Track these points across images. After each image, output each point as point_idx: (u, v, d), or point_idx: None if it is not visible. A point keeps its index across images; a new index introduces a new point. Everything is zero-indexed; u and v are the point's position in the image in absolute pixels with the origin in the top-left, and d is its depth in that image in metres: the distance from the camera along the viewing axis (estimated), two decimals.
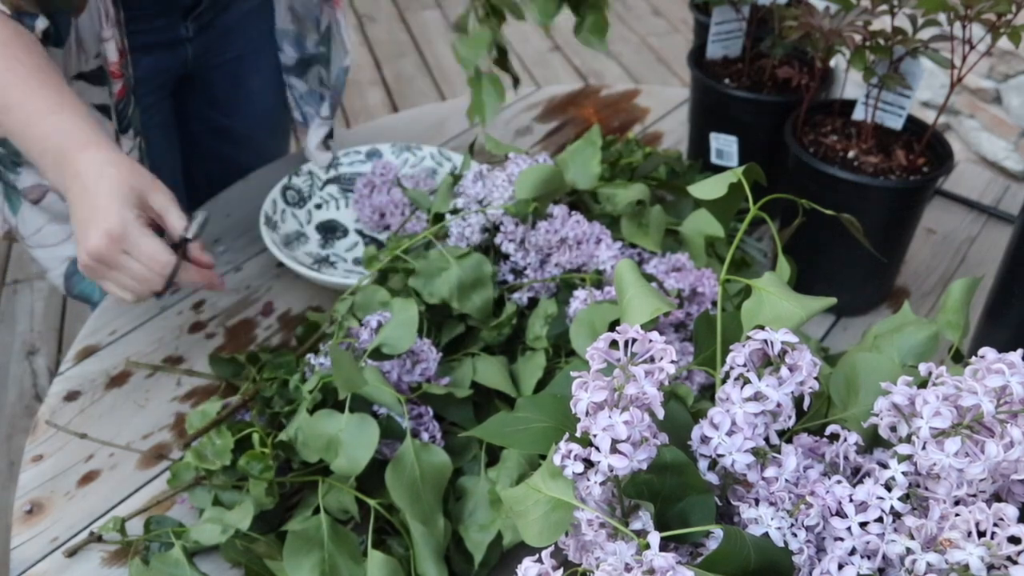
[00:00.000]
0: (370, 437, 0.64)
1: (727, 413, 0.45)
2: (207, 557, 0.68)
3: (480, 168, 0.86)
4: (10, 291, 2.19)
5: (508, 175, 0.83)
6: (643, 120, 1.27)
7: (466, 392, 0.71)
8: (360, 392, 0.66)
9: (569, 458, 0.42)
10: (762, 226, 1.00)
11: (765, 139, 0.95)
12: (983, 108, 2.20)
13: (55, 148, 0.72)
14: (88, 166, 0.71)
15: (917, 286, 0.96)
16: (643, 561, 0.39)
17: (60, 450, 0.78)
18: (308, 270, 0.87)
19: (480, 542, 0.65)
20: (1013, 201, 1.08)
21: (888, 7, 0.79)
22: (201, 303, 0.95)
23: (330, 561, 0.62)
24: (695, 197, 0.56)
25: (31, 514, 0.73)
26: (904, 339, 0.54)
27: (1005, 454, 0.40)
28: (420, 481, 0.63)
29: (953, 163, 0.83)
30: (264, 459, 0.66)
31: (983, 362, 0.43)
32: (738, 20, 0.99)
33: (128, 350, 0.89)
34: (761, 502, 0.45)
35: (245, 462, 0.66)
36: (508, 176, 0.83)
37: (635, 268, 0.54)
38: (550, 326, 0.74)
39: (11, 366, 1.98)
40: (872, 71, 0.80)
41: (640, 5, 3.49)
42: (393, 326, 0.70)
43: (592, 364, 0.44)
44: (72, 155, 0.72)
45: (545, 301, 0.77)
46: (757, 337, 0.46)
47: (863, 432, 0.48)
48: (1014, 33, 0.72)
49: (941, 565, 0.39)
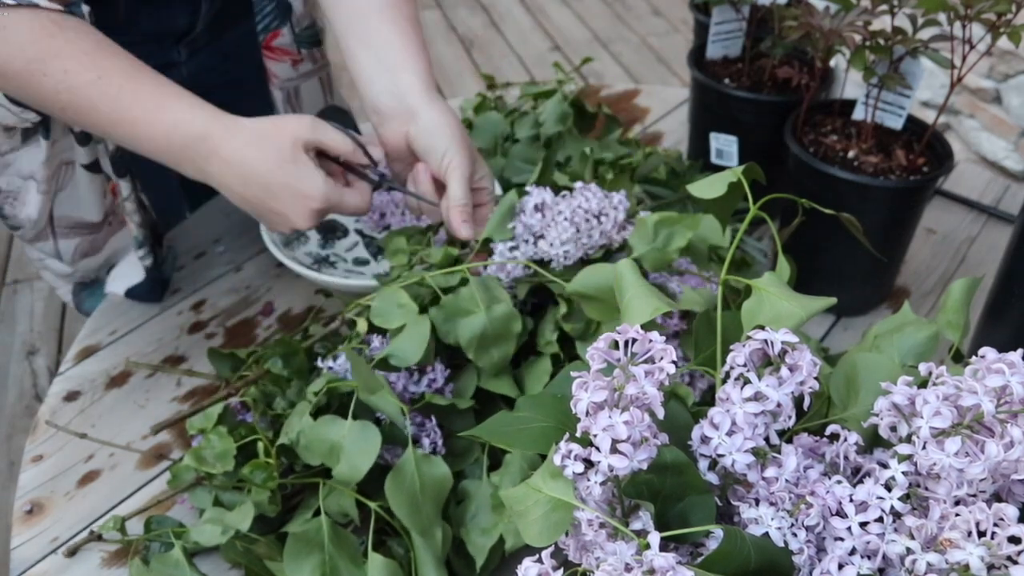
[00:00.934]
0: (372, 445, 0.64)
1: (727, 413, 0.45)
2: (207, 557, 0.68)
3: (543, 198, 0.76)
4: (10, 291, 2.19)
5: (572, 213, 0.74)
6: (643, 120, 1.27)
7: (468, 403, 0.71)
8: (364, 399, 0.66)
9: (569, 458, 0.42)
10: (762, 226, 1.00)
11: (765, 139, 0.95)
12: (983, 108, 2.20)
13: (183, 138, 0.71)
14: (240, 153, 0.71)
15: (917, 286, 0.96)
16: (643, 561, 0.39)
17: (60, 450, 0.78)
18: (308, 270, 0.87)
19: (482, 546, 0.65)
20: (1013, 201, 1.08)
21: (888, 7, 0.79)
22: (201, 303, 0.95)
23: (331, 563, 0.62)
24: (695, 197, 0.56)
25: (31, 514, 0.73)
26: (904, 339, 0.54)
27: (1005, 454, 0.40)
28: (420, 493, 0.63)
29: (953, 163, 0.83)
30: (269, 469, 0.66)
31: (983, 362, 0.43)
32: (738, 20, 0.99)
33: (128, 350, 0.89)
34: (761, 502, 0.45)
35: (249, 471, 0.66)
36: (571, 215, 0.74)
37: (635, 268, 0.54)
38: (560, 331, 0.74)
39: (11, 366, 1.98)
40: (872, 71, 0.80)
41: (640, 5, 3.49)
42: (404, 339, 0.69)
43: (592, 364, 0.44)
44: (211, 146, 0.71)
45: (554, 307, 0.76)
46: (757, 337, 0.46)
47: (863, 432, 0.48)
48: (1014, 33, 0.72)
49: (941, 565, 0.39)
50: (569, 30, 3.33)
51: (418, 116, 0.79)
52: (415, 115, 0.79)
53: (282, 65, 1.02)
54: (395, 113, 0.81)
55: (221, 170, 0.72)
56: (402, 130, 0.80)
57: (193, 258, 1.01)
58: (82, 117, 0.72)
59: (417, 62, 0.81)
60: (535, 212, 0.76)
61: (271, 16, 0.99)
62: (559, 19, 3.41)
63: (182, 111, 0.71)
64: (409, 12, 0.84)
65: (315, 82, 1.08)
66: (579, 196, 0.75)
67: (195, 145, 0.71)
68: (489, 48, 3.23)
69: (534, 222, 0.75)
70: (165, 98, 0.71)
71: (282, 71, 1.02)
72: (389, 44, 0.81)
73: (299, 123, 0.73)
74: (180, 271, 0.99)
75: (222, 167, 0.72)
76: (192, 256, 1.01)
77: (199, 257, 1.01)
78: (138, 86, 0.71)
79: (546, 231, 0.75)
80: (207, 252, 1.02)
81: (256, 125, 0.72)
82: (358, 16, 0.83)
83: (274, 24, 1.00)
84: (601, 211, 0.75)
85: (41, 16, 0.68)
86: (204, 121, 0.71)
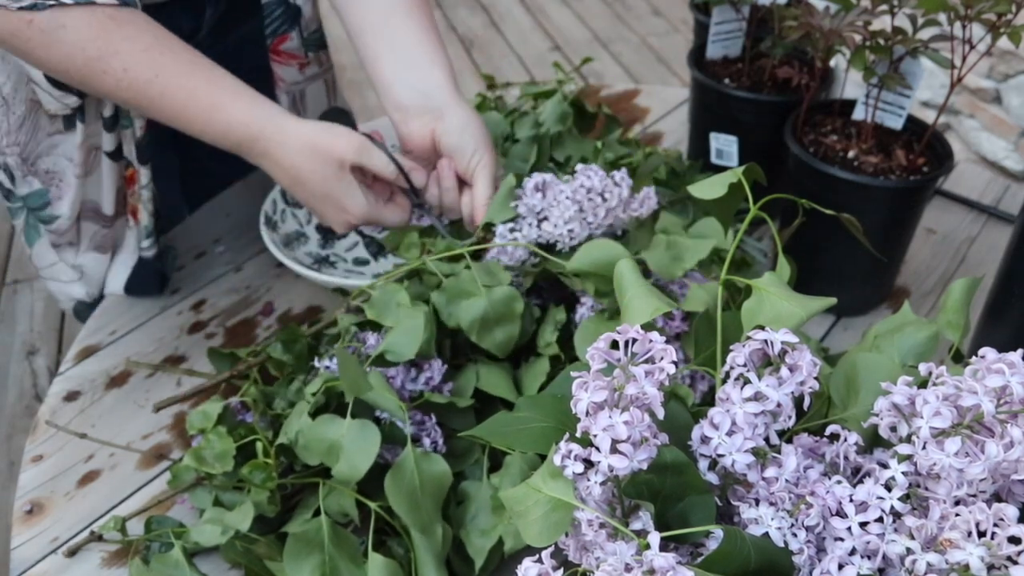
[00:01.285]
0: (371, 444, 0.64)
1: (727, 413, 0.45)
2: (207, 558, 0.68)
3: (543, 177, 0.77)
4: (10, 291, 2.19)
5: (573, 192, 0.74)
6: (643, 120, 1.27)
7: (468, 402, 0.71)
8: (363, 397, 0.66)
9: (569, 458, 0.42)
10: (762, 226, 1.00)
11: (765, 139, 0.95)
12: (983, 108, 2.20)
13: (238, 139, 0.75)
14: (291, 161, 0.75)
15: (917, 286, 0.96)
16: (643, 561, 0.39)
17: (60, 450, 0.78)
18: (308, 270, 0.87)
19: (481, 547, 0.65)
20: (1013, 201, 1.08)
21: (888, 7, 0.79)
22: (201, 303, 0.95)
23: (331, 564, 0.62)
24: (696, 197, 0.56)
25: (31, 514, 0.73)
26: (904, 339, 0.54)
27: (1005, 454, 0.40)
28: (419, 490, 0.63)
29: (953, 163, 0.83)
30: (268, 469, 0.66)
31: (983, 362, 0.43)
32: (738, 20, 0.99)
33: (128, 350, 0.89)
34: (761, 502, 0.45)
35: (248, 471, 0.66)
36: (573, 193, 0.74)
37: (635, 268, 0.54)
38: (560, 332, 0.74)
39: (11, 366, 1.98)
40: (872, 71, 0.80)
41: (640, 5, 3.49)
42: (398, 333, 0.69)
43: (592, 364, 0.44)
44: (263, 148, 0.75)
45: (554, 308, 0.76)
46: (757, 337, 0.46)
47: (863, 432, 0.48)
48: (1014, 33, 0.72)
49: (941, 565, 0.39)
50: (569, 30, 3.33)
51: (446, 115, 0.81)
52: (443, 113, 0.81)
53: (289, 69, 1.03)
54: (422, 111, 0.82)
55: (272, 169, 0.77)
56: (428, 127, 0.81)
57: (193, 258, 1.01)
58: (143, 111, 0.77)
59: (444, 61, 0.83)
60: (536, 192, 0.76)
61: (280, 20, 1.00)
62: (559, 19, 3.41)
63: (236, 112, 0.74)
64: (429, 13, 0.85)
65: (320, 84, 1.08)
66: (581, 176, 0.75)
67: (248, 144, 0.76)
68: (489, 48, 3.23)
69: (536, 202, 0.75)
70: (220, 97, 0.74)
71: (288, 75, 1.03)
72: (415, 43, 0.83)
73: (349, 144, 0.76)
74: (180, 271, 0.99)
75: (272, 167, 0.77)
76: (192, 256, 1.01)
77: (199, 257, 1.01)
78: (194, 85, 0.74)
79: (549, 212, 0.75)
80: (207, 252, 1.02)
81: (309, 134, 0.76)
82: (379, 16, 0.84)
83: (282, 28, 1.00)
84: (604, 189, 0.75)
85: (99, 13, 0.70)
86: (258, 124, 0.75)
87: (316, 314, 0.93)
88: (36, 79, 0.81)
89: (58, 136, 0.86)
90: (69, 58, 0.71)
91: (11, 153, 0.85)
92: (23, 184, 0.88)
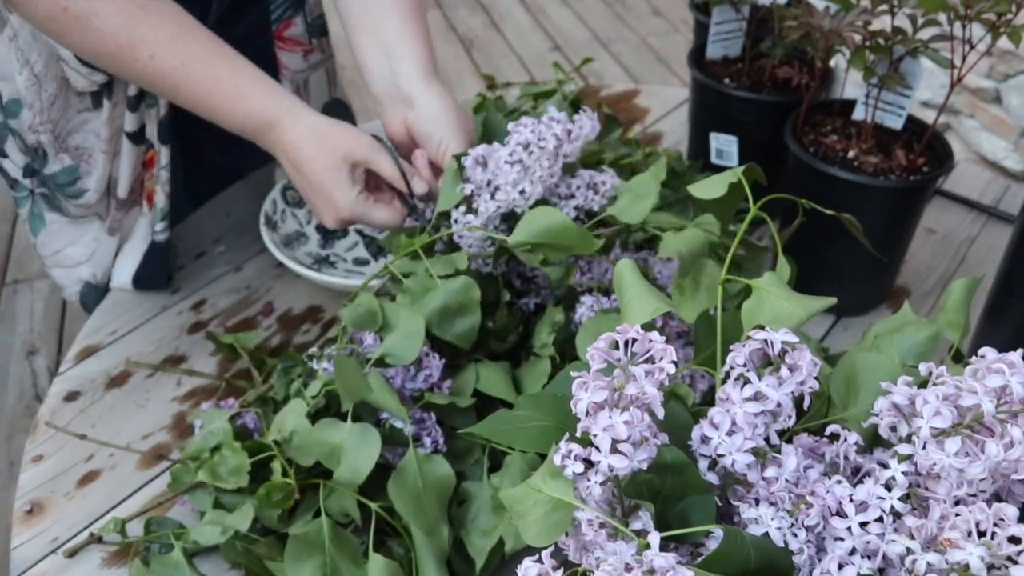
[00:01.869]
0: (372, 447, 0.64)
1: (727, 413, 0.45)
2: (207, 558, 0.68)
3: (479, 151, 0.75)
4: (10, 291, 2.19)
5: (511, 154, 0.73)
6: (643, 120, 1.27)
7: (468, 401, 0.71)
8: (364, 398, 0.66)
9: (569, 458, 0.42)
10: (762, 226, 1.00)
11: (765, 139, 0.95)
12: (983, 108, 2.20)
13: (256, 125, 0.78)
14: (296, 146, 0.77)
15: (917, 286, 0.96)
16: (643, 561, 0.39)
17: (60, 450, 0.78)
18: (308, 270, 0.87)
19: (482, 548, 0.65)
20: (1013, 201, 1.08)
21: (888, 7, 0.79)
22: (201, 303, 0.95)
23: (331, 565, 0.62)
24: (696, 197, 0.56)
25: (31, 514, 0.73)
26: (904, 339, 0.54)
27: (1005, 454, 0.40)
28: (423, 492, 0.63)
29: (953, 163, 0.83)
30: (288, 488, 0.66)
31: (983, 362, 0.43)
32: (738, 20, 0.99)
33: (128, 350, 0.89)
34: (761, 502, 0.45)
35: (265, 492, 0.65)
36: (511, 155, 0.73)
37: (635, 268, 0.54)
38: (557, 333, 0.74)
39: (11, 366, 1.98)
40: (872, 71, 0.80)
41: (640, 5, 3.49)
42: (398, 337, 0.69)
43: (592, 364, 0.44)
44: (276, 135, 0.78)
45: (552, 308, 0.75)
46: (757, 337, 0.46)
47: (863, 432, 0.48)
48: (1014, 33, 0.72)
49: (941, 565, 0.39)
50: (569, 30, 3.33)
51: (415, 103, 0.81)
52: (412, 102, 0.81)
53: (293, 56, 1.04)
54: (393, 100, 0.83)
55: (280, 155, 0.80)
56: (401, 117, 0.82)
57: (193, 258, 1.01)
58: (168, 97, 0.80)
59: (414, 48, 0.83)
60: (476, 166, 0.75)
61: (284, 5, 1.01)
62: (559, 19, 3.41)
63: (256, 99, 0.77)
64: (413, 3, 0.85)
65: (322, 73, 1.09)
66: (513, 134, 0.75)
67: (264, 131, 0.78)
68: (489, 48, 3.23)
69: (480, 176, 0.75)
70: (241, 85, 0.77)
71: (293, 62, 1.04)
72: (388, 31, 0.84)
73: (358, 142, 0.78)
74: (180, 271, 0.99)
75: (280, 152, 0.79)
76: (192, 256, 1.01)
77: (199, 257, 1.01)
78: (217, 74, 0.76)
79: (497, 180, 0.74)
80: (207, 252, 1.02)
81: (319, 125, 0.78)
82: (362, 7, 0.85)
83: (287, 14, 1.02)
84: (539, 137, 0.74)
85: (128, 2, 0.73)
86: (275, 110, 0.77)
87: (316, 314, 0.93)
88: (64, 56, 0.83)
89: (87, 113, 0.88)
90: (101, 44, 0.73)
91: (44, 131, 0.87)
92: (55, 161, 0.89)
